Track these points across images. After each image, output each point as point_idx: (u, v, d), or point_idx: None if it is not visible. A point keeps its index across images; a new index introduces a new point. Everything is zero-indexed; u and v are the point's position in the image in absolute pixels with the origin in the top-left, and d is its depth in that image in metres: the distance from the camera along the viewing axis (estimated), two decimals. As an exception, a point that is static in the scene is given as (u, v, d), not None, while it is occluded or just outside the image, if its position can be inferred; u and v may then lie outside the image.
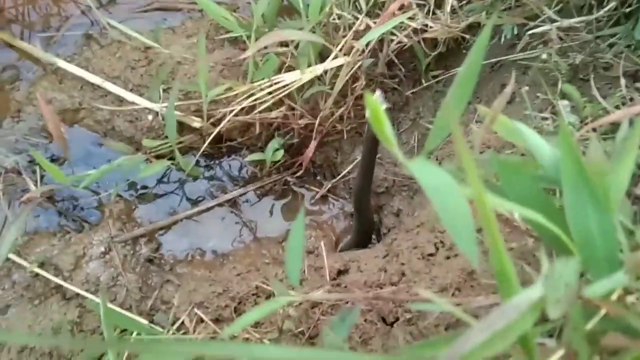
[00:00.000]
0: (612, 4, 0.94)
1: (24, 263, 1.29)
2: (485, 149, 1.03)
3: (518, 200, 0.44)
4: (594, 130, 0.71)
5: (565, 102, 0.86)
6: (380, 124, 0.45)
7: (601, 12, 0.94)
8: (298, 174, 1.51)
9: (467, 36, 1.34)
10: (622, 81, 0.84)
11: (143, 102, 1.39)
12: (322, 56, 1.38)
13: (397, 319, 0.91)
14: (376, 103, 0.45)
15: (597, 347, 0.37)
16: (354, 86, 1.37)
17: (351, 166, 1.55)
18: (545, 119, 0.88)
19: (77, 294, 1.28)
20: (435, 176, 0.41)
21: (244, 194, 1.53)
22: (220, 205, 1.51)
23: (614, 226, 0.41)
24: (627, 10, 1.01)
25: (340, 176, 1.55)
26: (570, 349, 0.34)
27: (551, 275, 0.33)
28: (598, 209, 0.40)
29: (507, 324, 0.28)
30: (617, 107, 0.79)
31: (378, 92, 0.99)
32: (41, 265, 1.31)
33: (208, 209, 1.51)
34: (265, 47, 1.40)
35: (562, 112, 0.83)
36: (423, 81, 1.48)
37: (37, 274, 1.29)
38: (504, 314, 0.29)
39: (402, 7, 1.18)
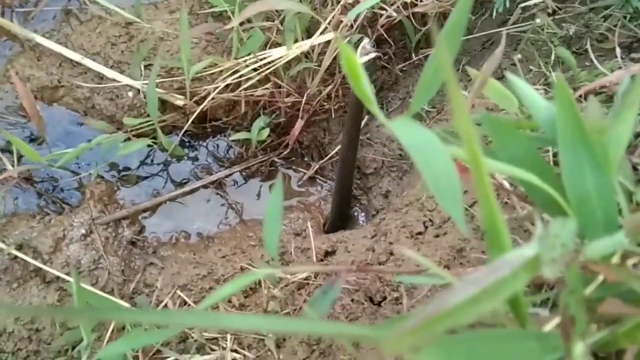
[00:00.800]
0: (608, -27, 0.91)
1: (2, 245, 1.25)
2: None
3: (511, 162, 0.40)
4: (588, 96, 0.68)
5: (560, 73, 0.83)
6: (356, 79, 0.42)
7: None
8: (284, 154, 1.47)
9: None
10: (618, 51, 0.81)
11: (124, 79, 1.34)
12: (309, 32, 1.34)
13: (384, 299, 0.88)
14: (352, 55, 0.42)
15: (594, 315, 0.34)
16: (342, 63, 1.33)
17: (339, 147, 1.51)
18: (538, 90, 0.85)
19: (57, 277, 1.25)
20: (418, 135, 0.38)
21: (230, 175, 1.49)
22: (205, 186, 1.47)
23: (613, 187, 0.38)
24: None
25: (328, 157, 1.52)
26: (566, 316, 0.31)
27: (546, 235, 0.30)
28: (596, 169, 0.37)
29: (497, 281, 0.25)
30: (612, 70, 0.76)
31: (366, 40, 0.96)
32: (19, 247, 1.27)
33: (192, 191, 1.47)
34: (250, 22, 1.36)
35: (557, 85, 0.80)
36: (413, 57, 1.44)
37: (15, 257, 1.25)
38: (495, 269, 0.26)
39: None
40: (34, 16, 1.48)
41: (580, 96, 0.65)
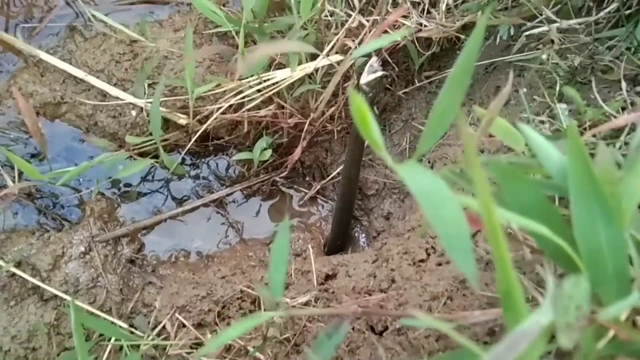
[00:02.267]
0: (614, 6, 0.91)
1: (1, 262, 1.24)
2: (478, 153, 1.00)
3: (519, 209, 0.40)
4: (595, 136, 0.68)
5: (564, 105, 0.83)
6: (366, 125, 0.42)
7: (601, 14, 0.91)
8: (285, 174, 1.47)
9: (462, 36, 1.30)
10: (623, 84, 0.81)
11: (127, 97, 1.34)
12: (313, 53, 1.34)
13: (386, 328, 0.88)
14: (362, 103, 0.41)
15: (606, 374, 0.34)
16: (345, 85, 1.33)
17: (341, 167, 1.51)
18: (543, 122, 0.85)
19: (55, 296, 1.24)
20: (427, 182, 0.38)
21: (231, 194, 1.49)
22: (205, 205, 1.47)
23: (625, 241, 0.38)
24: (627, 12, 0.98)
25: (329, 177, 1.51)
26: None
27: (560, 296, 0.30)
28: (608, 223, 0.37)
29: (518, 356, 0.25)
30: (618, 112, 0.76)
31: (374, 58, 0.95)
32: (18, 264, 1.26)
33: (193, 209, 1.46)
34: (255, 42, 1.37)
35: (561, 116, 0.80)
36: (416, 81, 1.45)
37: (13, 274, 1.24)
38: (513, 343, 0.26)
39: (404, 16, 1.15)
40: (39, 32, 1.49)
41: (592, 134, 0.65)
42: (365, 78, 1.06)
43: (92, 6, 1.53)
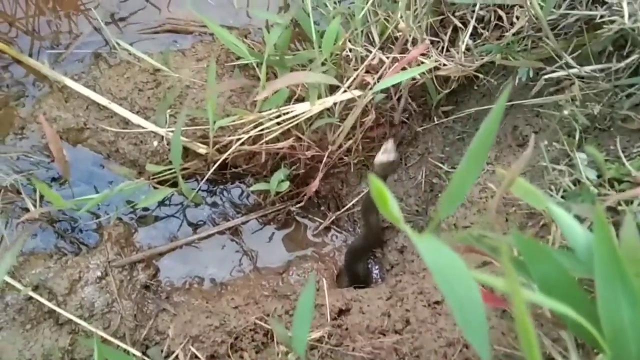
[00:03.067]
0: (634, 57, 0.92)
1: (18, 285, 1.26)
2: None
3: (543, 284, 0.41)
4: (623, 209, 0.68)
5: (583, 155, 0.84)
6: (385, 205, 0.43)
7: (622, 64, 0.92)
8: (302, 204, 1.48)
9: (480, 75, 1.32)
10: (643, 139, 0.82)
11: (149, 126, 1.37)
12: (333, 87, 1.36)
13: (400, 372, 0.88)
14: (381, 186, 0.43)
15: None
16: (363, 120, 1.35)
17: (356, 199, 1.52)
18: (561, 172, 0.85)
19: (70, 320, 1.25)
20: (444, 257, 0.38)
21: (246, 222, 1.50)
22: (221, 232, 1.48)
23: (648, 321, 0.38)
24: (647, 60, 0.99)
25: (345, 208, 1.52)
26: None
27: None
28: (633, 305, 0.38)
29: None
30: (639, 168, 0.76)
31: (390, 142, 0.98)
32: (35, 288, 1.28)
33: (208, 236, 1.48)
34: (276, 75, 1.39)
35: (580, 166, 0.80)
36: (434, 118, 1.46)
37: (30, 297, 1.26)
38: None
39: (423, 54, 1.17)
40: (65, 58, 1.52)
41: (615, 200, 0.65)
42: (379, 158, 1.12)
43: (118, 33, 1.57)
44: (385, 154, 1.09)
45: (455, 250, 0.51)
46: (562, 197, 0.83)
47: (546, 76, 1.07)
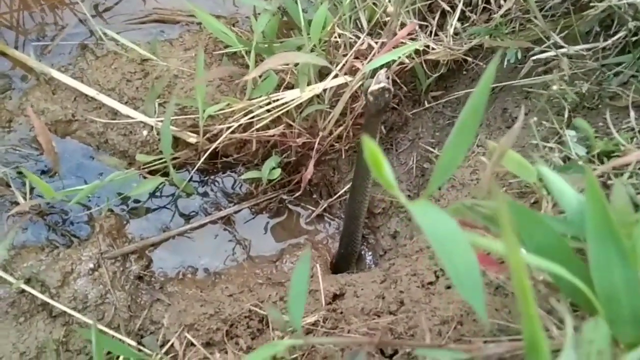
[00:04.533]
0: (621, 34, 0.93)
1: (10, 279, 1.25)
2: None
3: (536, 249, 0.41)
4: (613, 174, 0.69)
5: (572, 132, 0.84)
6: (379, 168, 0.43)
7: (609, 42, 0.93)
8: (296, 194, 1.48)
9: (469, 58, 1.32)
10: (631, 113, 0.83)
11: (138, 116, 1.36)
12: (322, 74, 1.36)
13: (396, 352, 0.88)
14: (374, 148, 0.43)
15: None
16: (353, 106, 1.35)
17: (348, 185, 1.52)
18: (552, 149, 0.86)
19: (64, 312, 1.24)
20: (439, 222, 0.39)
21: (239, 211, 1.50)
22: (213, 222, 1.48)
23: (640, 281, 0.39)
24: (634, 39, 0.99)
25: (337, 195, 1.53)
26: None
27: (581, 341, 0.31)
28: (624, 265, 0.38)
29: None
30: (627, 142, 0.77)
31: (383, 70, 0.98)
32: (28, 281, 1.27)
33: (201, 226, 1.47)
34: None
35: (570, 143, 0.81)
36: (424, 102, 1.46)
37: (23, 290, 1.25)
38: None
39: (410, 34, 1.16)
40: (51, 50, 1.51)
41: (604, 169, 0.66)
42: (371, 87, 1.10)
43: (104, 25, 1.56)
44: (378, 82, 1.06)
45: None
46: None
47: (534, 57, 1.08)
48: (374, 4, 1.30)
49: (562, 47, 1.02)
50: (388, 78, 1.17)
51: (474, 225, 0.53)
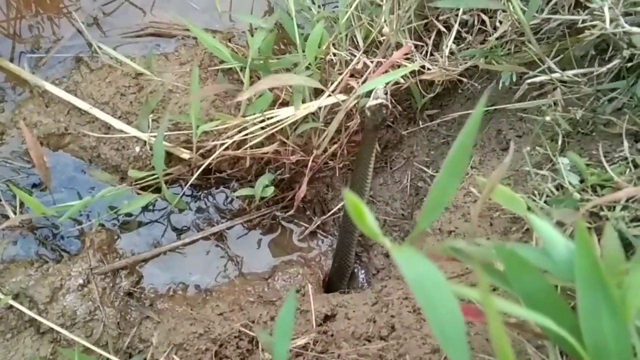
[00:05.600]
0: (616, 62, 0.92)
1: (-1, 294, 1.23)
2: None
3: (525, 295, 0.40)
4: (606, 206, 0.68)
5: (566, 160, 0.84)
6: (362, 219, 0.42)
7: (603, 69, 0.93)
8: (289, 212, 1.47)
9: (464, 79, 1.32)
10: (625, 143, 0.82)
11: (131, 131, 1.35)
12: (318, 91, 1.35)
13: (385, 379, 0.87)
14: (356, 201, 0.42)
15: None
16: (347, 124, 1.34)
17: (342, 203, 1.51)
18: (544, 177, 0.85)
19: (52, 329, 1.23)
20: (423, 271, 0.38)
21: (231, 227, 1.49)
22: (205, 238, 1.47)
23: (629, 333, 0.38)
24: (629, 64, 0.99)
25: (330, 213, 1.51)
26: None
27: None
28: (613, 315, 0.37)
29: None
30: (621, 173, 0.76)
31: (381, 87, 0.98)
32: (16, 296, 1.26)
33: (193, 242, 1.46)
34: (260, 78, 1.38)
35: (563, 172, 0.80)
36: (419, 121, 1.46)
37: (11, 306, 1.24)
38: None
39: (405, 54, 1.16)
40: (45, 62, 1.50)
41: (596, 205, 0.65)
42: (369, 102, 1.11)
43: (101, 37, 1.55)
44: (375, 98, 1.10)
45: (437, 259, 0.51)
46: (546, 202, 0.83)
47: (529, 80, 1.08)
48: (369, 24, 1.30)
49: (555, 71, 1.01)
50: (386, 94, 1.17)
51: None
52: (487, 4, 1.06)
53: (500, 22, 1.15)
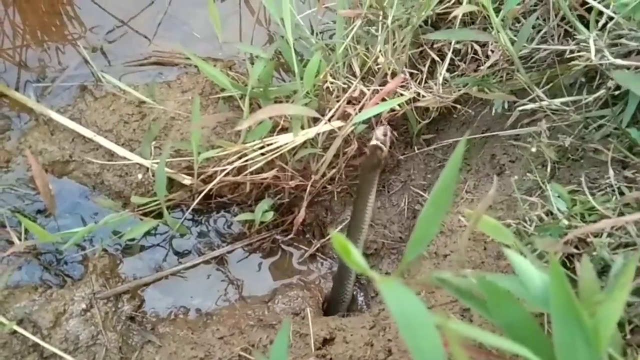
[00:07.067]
0: (602, 92, 0.96)
1: (3, 320, 1.25)
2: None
3: (505, 325, 0.43)
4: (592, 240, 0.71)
5: (556, 187, 0.86)
6: (350, 257, 0.45)
7: (590, 99, 0.96)
8: (289, 236, 1.50)
9: (459, 106, 1.35)
10: (610, 172, 0.85)
11: (134, 158, 1.38)
12: (316, 117, 1.38)
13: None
14: (344, 242, 0.45)
15: None
16: (345, 150, 1.37)
17: (341, 226, 1.54)
18: (533, 204, 0.88)
19: (55, 354, 1.25)
20: (407, 303, 0.40)
21: (232, 251, 1.51)
22: (206, 262, 1.49)
23: (603, 361, 0.40)
24: (617, 92, 1.02)
25: (330, 236, 1.54)
26: None
27: None
28: (587, 344, 0.40)
29: None
30: (607, 201, 0.79)
31: (382, 128, 1.01)
32: (20, 322, 1.28)
33: (194, 266, 1.48)
34: (260, 105, 1.42)
35: (552, 199, 0.83)
36: (415, 146, 1.49)
37: (15, 331, 1.26)
38: None
39: (402, 86, 1.20)
40: (51, 91, 1.54)
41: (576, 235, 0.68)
42: (371, 142, 1.14)
43: (105, 66, 1.59)
44: (375, 139, 1.15)
45: (429, 287, 0.53)
46: (537, 227, 0.86)
47: (520, 108, 1.11)
48: (365, 54, 1.34)
49: (545, 99, 1.05)
50: (385, 135, 1.19)
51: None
52: (477, 36, 1.10)
53: (492, 52, 1.19)
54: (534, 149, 0.93)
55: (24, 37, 1.68)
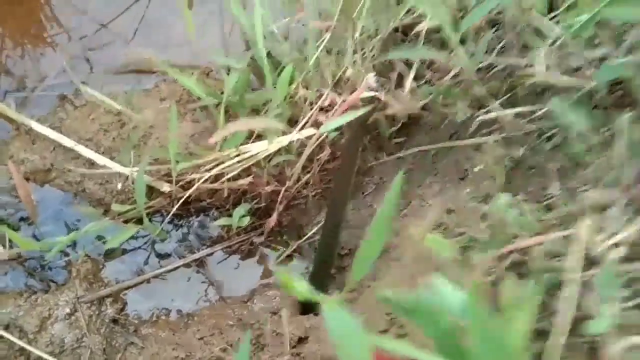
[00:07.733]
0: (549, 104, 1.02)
1: (-11, 326, 1.30)
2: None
3: (435, 338, 0.49)
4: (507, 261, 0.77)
5: (506, 197, 0.93)
6: (291, 287, 0.51)
7: (539, 113, 1.03)
8: (264, 238, 1.56)
9: (425, 112, 1.42)
10: (556, 183, 0.92)
11: (114, 166, 1.43)
12: (291, 124, 1.44)
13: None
14: (288, 277, 0.50)
15: None
16: (319, 156, 1.43)
17: (316, 228, 1.60)
18: (484, 215, 0.95)
19: (41, 357, 1.30)
20: (345, 324, 0.46)
21: (211, 253, 1.57)
22: (187, 265, 1.55)
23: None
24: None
25: (305, 237, 1.60)
26: None
27: None
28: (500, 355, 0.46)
29: None
30: (548, 210, 0.86)
31: (371, 75, 1.02)
32: (6, 327, 1.32)
33: (175, 269, 1.54)
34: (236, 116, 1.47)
35: (501, 210, 0.90)
36: (387, 150, 1.56)
37: (1, 336, 1.31)
38: None
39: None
40: (31, 100, 1.58)
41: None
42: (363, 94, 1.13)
43: (85, 74, 1.63)
44: (367, 89, 1.07)
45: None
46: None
47: (479, 119, 1.17)
48: (337, 64, 1.39)
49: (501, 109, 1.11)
50: (377, 81, 1.17)
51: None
52: (434, 55, 1.16)
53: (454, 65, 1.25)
54: (482, 166, 1.00)
55: (3, 43, 1.71)
